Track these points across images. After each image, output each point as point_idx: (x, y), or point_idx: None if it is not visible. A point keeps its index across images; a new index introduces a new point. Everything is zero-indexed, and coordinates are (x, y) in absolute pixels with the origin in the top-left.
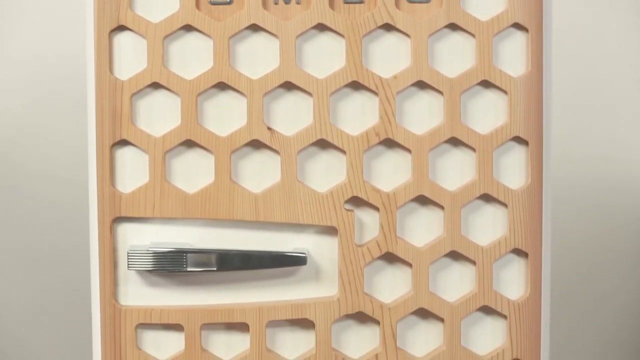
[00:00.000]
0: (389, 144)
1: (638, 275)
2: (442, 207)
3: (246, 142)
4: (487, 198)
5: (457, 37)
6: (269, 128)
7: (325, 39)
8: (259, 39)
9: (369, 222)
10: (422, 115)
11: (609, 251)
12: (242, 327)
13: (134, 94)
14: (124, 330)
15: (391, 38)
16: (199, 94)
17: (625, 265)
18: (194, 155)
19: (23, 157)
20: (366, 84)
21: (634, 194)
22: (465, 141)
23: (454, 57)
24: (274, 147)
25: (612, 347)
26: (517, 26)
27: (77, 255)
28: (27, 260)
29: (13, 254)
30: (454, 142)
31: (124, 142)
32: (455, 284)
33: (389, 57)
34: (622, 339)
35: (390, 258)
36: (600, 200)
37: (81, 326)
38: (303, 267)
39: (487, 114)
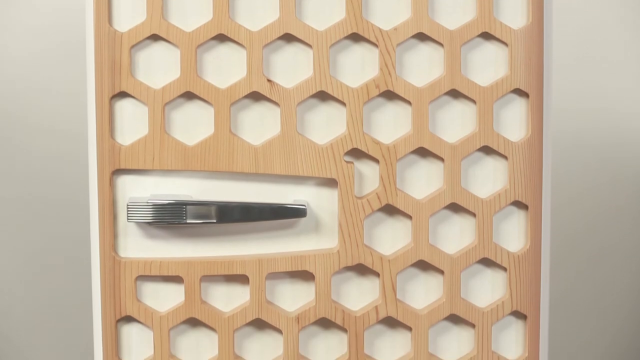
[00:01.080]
0: (389, 96)
1: (638, 228)
2: (442, 159)
3: (246, 94)
4: (487, 150)
5: None
6: (268, 80)
7: None
8: None
9: (369, 174)
10: (422, 67)
11: (609, 204)
12: (242, 279)
13: (133, 46)
14: (124, 282)
15: None
16: (199, 46)
17: (625, 218)
18: (193, 107)
19: (22, 111)
20: (366, 35)
21: (634, 147)
22: (466, 93)
23: (454, 8)
24: (273, 99)
25: (612, 300)
26: None
27: (76, 208)
28: (26, 213)
29: (12, 207)
30: (454, 94)
31: (123, 94)
32: (455, 236)
33: (389, 8)
34: (621, 292)
35: (390, 210)
36: (600, 153)
37: (81, 279)
38: (303, 219)
39: (488, 66)
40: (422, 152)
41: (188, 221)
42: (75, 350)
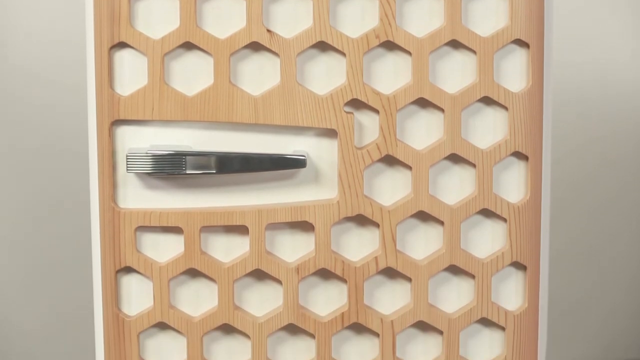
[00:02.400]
0: (389, 46)
1: (639, 179)
2: (442, 110)
3: (245, 44)
4: (487, 101)
5: None
6: (268, 30)
7: None
8: None
9: (369, 125)
10: (423, 17)
11: (609, 156)
12: (242, 230)
13: None
14: (123, 233)
15: None
16: None
17: (626, 170)
18: (192, 57)
19: (21, 61)
20: None
21: (634, 98)
22: (466, 44)
23: None
24: (273, 49)
25: (613, 251)
26: None
27: (76, 159)
28: (25, 164)
29: (11, 158)
30: (455, 44)
31: (122, 45)
32: (455, 187)
33: None
34: (622, 243)
35: (390, 161)
36: (601, 105)
37: (80, 230)
38: (302, 170)
39: (488, 16)
40: (422, 103)
41: (187, 172)
42: (75, 302)
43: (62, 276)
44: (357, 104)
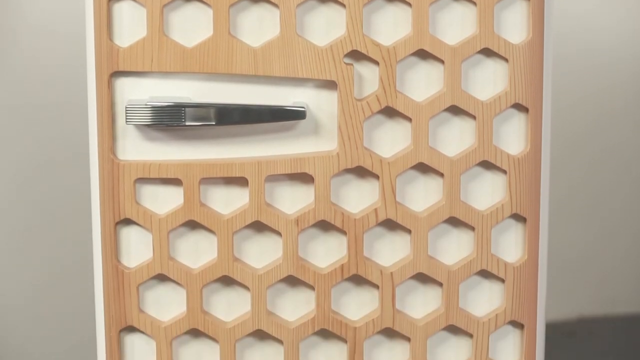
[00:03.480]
0: None
1: (638, 131)
2: (442, 62)
3: None
4: (487, 52)
5: None
6: None
7: None
8: None
9: (369, 76)
10: None
11: (609, 107)
12: (241, 182)
13: None
14: (123, 185)
15: None
16: None
17: (625, 122)
18: (192, 8)
19: (21, 13)
20: None
21: (633, 49)
22: None
23: None
24: (272, 0)
25: (613, 203)
26: None
27: (75, 111)
28: (24, 116)
29: (10, 110)
30: None
31: None
32: (455, 139)
33: None
34: (622, 195)
35: (389, 112)
36: (599, 57)
37: (80, 181)
38: (302, 122)
39: None
40: (422, 54)
41: (187, 123)
42: (74, 254)
43: (62, 228)
44: (356, 56)
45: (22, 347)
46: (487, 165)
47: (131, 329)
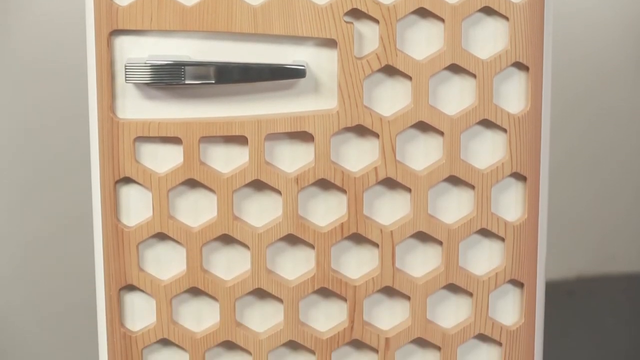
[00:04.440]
0: None
1: (637, 90)
2: (442, 20)
3: None
4: (488, 11)
5: None
6: None
7: None
8: None
9: (369, 35)
10: None
11: (609, 65)
12: (241, 140)
13: None
14: (122, 143)
15: None
16: None
17: (626, 80)
18: None
19: None
20: None
21: (634, 9)
22: None
23: None
24: None
25: (613, 163)
26: None
27: (74, 69)
28: (23, 74)
29: (9, 68)
30: None
31: None
32: (455, 98)
33: None
34: (622, 155)
35: (389, 71)
36: (600, 16)
37: (79, 140)
38: (302, 80)
39: None
40: (422, 13)
41: (186, 82)
42: (74, 212)
43: (61, 187)
44: (356, 14)
45: (21, 306)
46: (487, 124)
47: (131, 288)
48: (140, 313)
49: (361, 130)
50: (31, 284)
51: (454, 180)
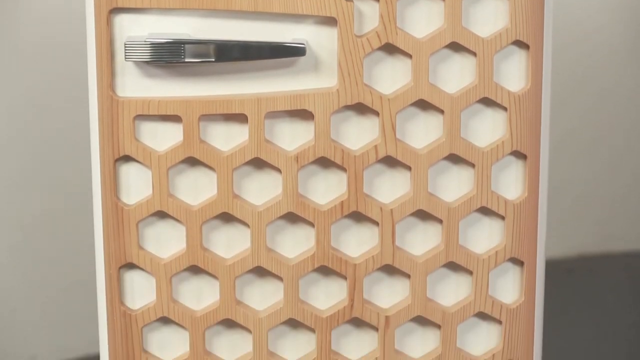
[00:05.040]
0: None
1: (638, 69)
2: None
3: None
4: None
5: None
6: None
7: None
8: None
9: (369, 13)
10: None
11: (610, 44)
12: (241, 118)
13: None
14: (122, 121)
15: None
16: None
17: (626, 59)
18: None
19: None
20: None
21: None
22: None
23: None
24: None
25: (613, 140)
26: None
27: (73, 48)
28: (22, 54)
29: (11, 48)
30: None
31: None
32: (455, 76)
33: None
34: (623, 132)
35: (390, 49)
36: None
37: (79, 117)
38: (302, 58)
39: None
40: None
41: (186, 60)
42: (74, 191)
43: (61, 166)
44: None
45: (21, 285)
46: (487, 102)
47: (131, 266)
48: (140, 291)
49: (361, 109)
50: (31, 263)
51: (454, 159)
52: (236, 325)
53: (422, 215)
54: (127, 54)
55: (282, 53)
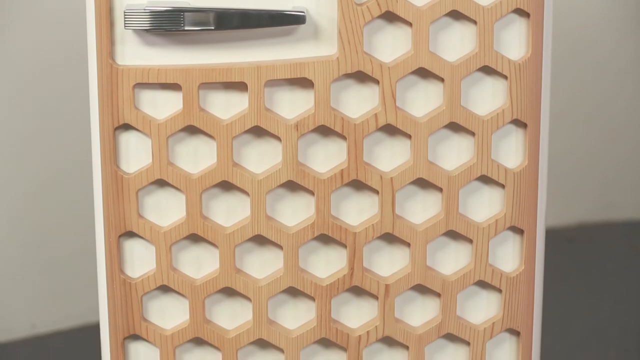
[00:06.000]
0: None
1: (638, 36)
2: None
3: None
4: None
5: None
6: None
7: None
8: None
9: None
10: None
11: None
12: (240, 87)
13: None
14: (121, 90)
15: None
16: None
17: (626, 26)
18: None
19: None
20: None
21: None
22: None
23: None
24: None
25: (613, 110)
26: None
27: (73, 15)
28: (22, 23)
29: (7, 18)
30: None
31: None
32: (455, 45)
33: None
34: (623, 100)
35: (390, 17)
36: None
37: (79, 87)
38: (302, 26)
39: None
40: None
41: (186, 28)
42: (74, 159)
43: (61, 134)
44: None
45: (21, 253)
46: (487, 70)
47: (131, 235)
48: (140, 260)
49: (361, 77)
50: (31, 230)
51: (454, 127)
52: (236, 293)
53: (422, 183)
54: (126, 22)
55: (282, 21)
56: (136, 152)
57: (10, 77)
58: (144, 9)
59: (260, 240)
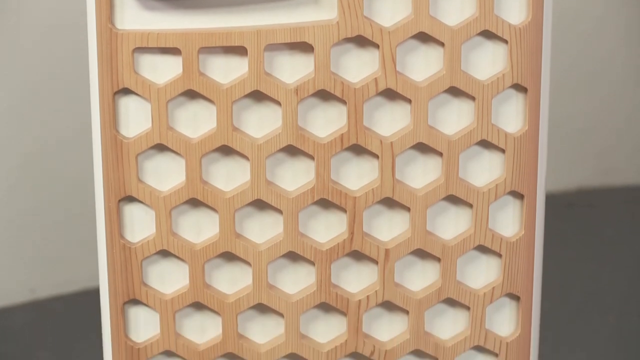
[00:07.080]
0: None
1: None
2: None
3: None
4: None
5: None
6: None
7: None
8: None
9: None
10: None
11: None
12: (240, 51)
13: None
14: (121, 54)
15: None
16: None
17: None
18: None
19: None
20: None
21: None
22: None
23: None
24: None
25: (613, 74)
26: None
27: None
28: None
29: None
30: None
31: None
32: (455, 10)
33: None
34: (622, 65)
35: None
36: None
37: (78, 51)
38: None
39: None
40: None
41: None
42: (73, 123)
43: (60, 98)
44: None
45: (20, 217)
46: (487, 35)
47: (130, 199)
48: (140, 224)
49: (361, 41)
50: (31, 194)
51: (454, 92)
52: (236, 258)
53: (422, 148)
54: None
55: None
56: (136, 117)
57: (10, 42)
58: None
59: (260, 204)
